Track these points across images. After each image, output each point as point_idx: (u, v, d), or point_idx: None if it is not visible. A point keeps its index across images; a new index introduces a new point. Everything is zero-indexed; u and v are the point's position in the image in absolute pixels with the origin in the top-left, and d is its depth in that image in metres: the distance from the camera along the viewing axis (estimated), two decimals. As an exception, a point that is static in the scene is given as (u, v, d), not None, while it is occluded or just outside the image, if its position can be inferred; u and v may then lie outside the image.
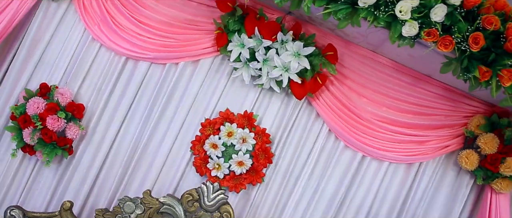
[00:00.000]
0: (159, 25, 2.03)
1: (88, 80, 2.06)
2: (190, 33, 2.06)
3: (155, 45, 2.04)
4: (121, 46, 2.04)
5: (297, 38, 1.94)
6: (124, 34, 2.02)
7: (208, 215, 1.88)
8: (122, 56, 2.06)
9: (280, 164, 2.09)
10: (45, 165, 1.96)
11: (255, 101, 2.07)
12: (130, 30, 2.03)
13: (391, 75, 1.98)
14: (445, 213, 2.11)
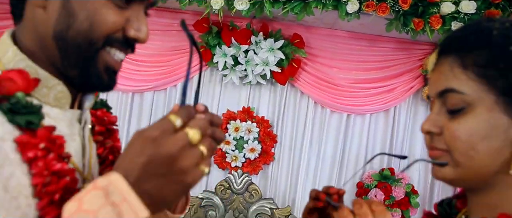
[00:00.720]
0: (151, 58, 2.40)
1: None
2: (178, 57, 2.43)
3: (153, 75, 2.41)
4: (125, 84, 2.41)
5: (267, 36, 2.33)
6: (125, 74, 2.39)
7: (240, 197, 2.27)
8: (129, 92, 2.43)
9: (284, 141, 2.48)
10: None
11: (249, 97, 2.46)
12: (129, 69, 2.40)
13: (350, 44, 2.38)
14: (426, 140, 2.52)
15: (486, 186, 0.67)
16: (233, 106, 2.45)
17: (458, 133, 0.64)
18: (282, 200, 2.43)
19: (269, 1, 1.95)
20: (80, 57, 0.61)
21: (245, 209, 2.29)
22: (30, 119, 0.58)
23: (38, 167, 0.56)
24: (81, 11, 0.59)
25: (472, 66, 0.63)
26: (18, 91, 0.58)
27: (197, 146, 0.51)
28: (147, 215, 0.49)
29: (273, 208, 2.29)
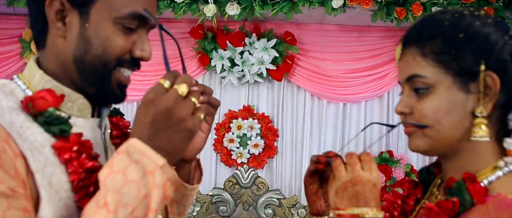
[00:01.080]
0: (151, 68, 2.52)
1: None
2: (176, 65, 2.55)
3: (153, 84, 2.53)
4: (130, 95, 2.53)
5: (260, 37, 2.45)
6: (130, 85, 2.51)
7: (248, 190, 2.40)
8: (133, 102, 2.56)
9: (285, 135, 2.60)
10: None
11: (248, 96, 2.58)
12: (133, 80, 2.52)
13: (340, 36, 2.50)
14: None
15: (453, 152, 0.79)
16: (234, 105, 2.57)
17: (425, 111, 0.76)
18: (288, 190, 2.55)
19: (259, 4, 2.07)
20: (96, 77, 0.73)
21: (254, 201, 2.42)
22: (62, 128, 0.70)
23: (73, 166, 0.68)
24: (96, 39, 0.71)
25: (430, 54, 0.76)
26: (49, 107, 0.70)
27: (188, 97, 0.64)
28: (165, 162, 0.62)
29: (280, 198, 2.41)
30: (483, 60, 0.74)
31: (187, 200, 0.86)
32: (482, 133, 0.75)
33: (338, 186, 0.76)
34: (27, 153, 0.64)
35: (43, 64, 0.76)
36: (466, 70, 0.74)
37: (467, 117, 0.75)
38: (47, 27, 0.73)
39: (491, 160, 0.78)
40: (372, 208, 0.74)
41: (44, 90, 0.71)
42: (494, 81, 0.74)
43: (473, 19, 0.76)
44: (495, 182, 0.76)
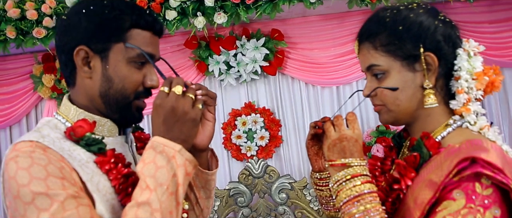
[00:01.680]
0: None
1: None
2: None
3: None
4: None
5: (249, 38, 2.63)
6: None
7: (261, 180, 2.60)
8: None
9: (287, 124, 2.79)
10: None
11: (247, 93, 2.77)
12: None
13: (323, 25, 2.68)
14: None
15: (413, 119, 1.00)
16: (236, 104, 2.77)
17: (384, 92, 0.96)
18: (298, 173, 2.75)
19: (243, 9, 2.26)
20: (119, 107, 0.94)
21: (268, 189, 2.62)
22: (99, 147, 0.91)
23: (113, 174, 0.89)
24: (115, 77, 0.92)
25: (380, 46, 0.96)
26: (87, 132, 0.91)
27: (185, 94, 0.88)
28: (181, 147, 0.85)
29: (291, 182, 2.61)
30: (421, 44, 0.94)
31: (210, 184, 1.07)
32: (431, 101, 0.96)
33: (329, 143, 0.96)
34: (78, 168, 0.86)
35: (75, 100, 0.97)
36: (410, 55, 0.94)
37: (418, 90, 0.96)
38: (76, 70, 0.94)
39: (443, 120, 0.98)
40: (356, 158, 0.94)
41: (80, 120, 0.92)
42: (432, 59, 0.94)
43: (408, 12, 0.96)
44: (447, 136, 0.96)
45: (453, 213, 0.82)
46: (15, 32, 2.30)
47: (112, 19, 0.91)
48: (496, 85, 1.00)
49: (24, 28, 2.29)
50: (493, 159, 0.84)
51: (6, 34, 2.30)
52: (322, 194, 1.13)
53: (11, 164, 0.81)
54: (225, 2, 2.23)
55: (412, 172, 0.94)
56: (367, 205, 0.88)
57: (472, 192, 0.83)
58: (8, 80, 2.85)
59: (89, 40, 0.91)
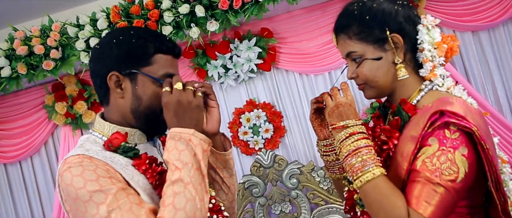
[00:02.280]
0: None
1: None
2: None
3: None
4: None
5: (242, 39, 2.82)
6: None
7: (272, 169, 2.79)
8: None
9: (288, 114, 2.96)
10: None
11: (247, 91, 2.95)
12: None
13: (308, 17, 2.85)
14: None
15: (392, 90, 1.19)
16: (238, 103, 2.95)
17: (364, 72, 1.16)
18: (305, 158, 2.93)
19: (232, 14, 2.44)
20: (148, 120, 1.13)
21: (279, 177, 2.80)
22: (135, 152, 1.10)
23: (149, 173, 1.08)
24: (144, 96, 1.10)
25: (353, 36, 1.15)
26: (122, 142, 1.09)
27: (186, 88, 1.06)
28: (194, 131, 1.03)
29: (299, 167, 2.80)
30: (386, 28, 1.14)
31: (229, 163, 1.26)
32: (403, 73, 1.16)
33: (328, 111, 1.15)
34: (120, 171, 1.04)
35: (108, 117, 1.15)
36: (379, 38, 1.14)
37: (391, 66, 1.15)
38: (109, 92, 1.12)
39: (416, 86, 1.18)
40: (352, 119, 1.13)
41: (115, 133, 1.11)
42: (398, 39, 1.14)
43: (371, 2, 1.16)
44: (421, 99, 1.16)
45: (429, 155, 1.01)
46: (25, 67, 2.48)
47: (139, 47, 1.09)
48: (454, 50, 1.20)
49: (34, 62, 2.47)
50: (457, 110, 1.03)
51: (18, 71, 2.48)
52: (328, 159, 1.32)
53: (66, 174, 0.99)
54: (215, 10, 2.41)
55: (396, 133, 1.13)
56: (364, 157, 1.06)
57: (443, 137, 1.02)
58: (22, 113, 3.03)
59: (120, 66, 1.09)
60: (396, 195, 1.02)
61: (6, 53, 2.48)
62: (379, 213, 1.04)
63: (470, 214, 1.10)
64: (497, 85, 2.88)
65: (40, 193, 3.11)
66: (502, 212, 1.07)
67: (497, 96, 2.88)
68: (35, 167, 3.10)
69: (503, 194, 1.07)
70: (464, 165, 1.00)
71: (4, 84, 2.52)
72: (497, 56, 2.88)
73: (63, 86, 2.89)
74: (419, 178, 1.02)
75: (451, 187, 1.00)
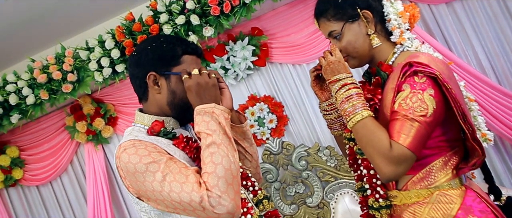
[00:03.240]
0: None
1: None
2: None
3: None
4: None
5: (235, 41, 3.08)
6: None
7: (281, 155, 3.03)
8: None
9: (289, 103, 3.19)
10: None
11: (247, 88, 3.20)
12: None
13: (292, 12, 3.08)
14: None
15: (371, 57, 1.43)
16: (241, 100, 3.20)
17: (345, 46, 1.40)
18: (309, 141, 3.16)
19: (224, 18, 2.70)
20: (182, 110, 1.37)
21: (288, 161, 3.04)
22: (173, 134, 1.35)
23: (187, 149, 1.32)
24: (177, 90, 1.34)
25: (330, 18, 1.40)
26: (161, 128, 1.34)
27: (202, 73, 1.29)
28: (214, 104, 1.25)
29: (306, 149, 3.04)
30: (357, 6, 1.38)
31: (247, 134, 1.50)
32: (376, 42, 1.40)
33: (324, 69, 1.39)
34: (165, 148, 1.28)
35: (146, 110, 1.41)
36: (352, 16, 1.38)
37: (366, 37, 1.40)
38: (148, 90, 1.38)
39: (390, 50, 1.42)
40: (343, 73, 1.35)
41: (154, 121, 1.36)
42: (368, 14, 1.39)
43: None
44: (395, 60, 1.40)
45: (404, 98, 1.25)
46: (47, 93, 2.76)
47: (169, 51, 1.35)
48: (416, 16, 1.46)
49: (54, 87, 2.75)
50: (423, 60, 1.27)
51: (40, 97, 2.75)
52: (330, 117, 1.55)
53: (123, 155, 1.23)
54: (208, 17, 2.68)
55: (379, 90, 1.36)
56: (354, 102, 1.28)
57: (413, 83, 1.26)
58: (46, 137, 3.30)
59: (156, 67, 1.34)
60: (381, 131, 1.25)
61: (28, 83, 2.76)
62: (367, 147, 1.27)
63: (450, 147, 1.33)
64: (477, 49, 3.09)
65: (73, 208, 3.37)
66: (472, 139, 1.30)
67: (478, 60, 3.09)
68: (65, 185, 3.37)
69: (470, 125, 1.29)
70: (432, 103, 1.23)
71: (30, 112, 2.80)
72: (472, 23, 3.10)
73: (80, 107, 3.17)
74: (398, 116, 1.25)
75: (423, 121, 1.22)
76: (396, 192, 1.34)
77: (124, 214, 3.33)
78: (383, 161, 1.22)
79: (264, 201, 1.45)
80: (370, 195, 1.36)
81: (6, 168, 3.21)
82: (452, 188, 1.30)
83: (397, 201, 1.34)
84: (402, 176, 1.27)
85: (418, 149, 1.23)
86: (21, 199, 3.37)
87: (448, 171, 1.32)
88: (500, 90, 2.96)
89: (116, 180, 3.32)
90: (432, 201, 1.29)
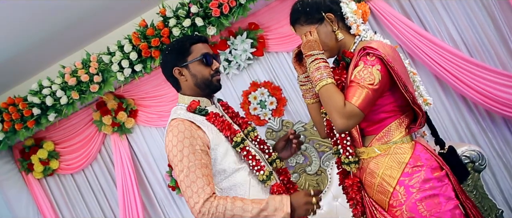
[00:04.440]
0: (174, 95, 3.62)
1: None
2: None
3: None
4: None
5: (235, 36, 3.50)
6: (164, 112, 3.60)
7: (282, 131, 3.49)
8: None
9: (286, 86, 3.60)
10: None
11: (249, 75, 3.61)
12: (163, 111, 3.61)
13: (282, 6, 3.44)
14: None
15: (339, 49, 1.85)
16: (244, 86, 3.63)
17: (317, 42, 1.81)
18: (306, 117, 3.59)
19: (224, 18, 3.12)
20: (206, 85, 1.81)
21: (288, 136, 3.50)
22: (206, 111, 1.80)
23: (216, 122, 1.77)
24: (197, 72, 1.80)
25: (303, 23, 1.83)
26: (197, 106, 1.80)
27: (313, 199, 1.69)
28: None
29: (303, 125, 3.48)
30: (321, 11, 1.80)
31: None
32: (340, 36, 1.83)
33: (303, 45, 1.79)
34: (200, 124, 1.72)
35: (184, 94, 1.83)
36: (319, 19, 1.80)
37: (332, 34, 1.82)
38: (178, 80, 1.83)
39: (351, 41, 1.85)
40: (316, 50, 1.74)
41: (191, 101, 1.80)
42: (330, 15, 1.81)
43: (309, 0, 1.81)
44: (355, 48, 1.82)
45: (359, 71, 1.66)
46: (78, 94, 3.21)
47: (180, 47, 1.81)
48: (366, 11, 1.88)
49: (83, 88, 3.20)
50: (373, 45, 1.69)
51: (72, 97, 3.21)
52: (305, 88, 1.95)
53: (168, 134, 1.70)
54: (210, 18, 3.10)
55: (344, 71, 1.80)
56: (322, 71, 1.67)
57: (365, 60, 1.67)
58: (77, 131, 3.77)
59: (176, 63, 1.80)
60: (338, 93, 1.63)
61: (61, 86, 3.22)
62: (327, 105, 1.64)
63: (402, 111, 1.77)
64: (448, 26, 3.47)
65: (105, 191, 3.86)
66: (412, 104, 1.74)
67: (451, 36, 3.47)
68: (96, 172, 3.86)
69: (411, 93, 1.71)
70: (378, 75, 1.64)
71: (64, 110, 3.26)
72: (444, 3, 3.49)
73: (104, 103, 3.62)
74: (353, 84, 1.65)
75: (371, 88, 1.61)
76: (364, 148, 1.79)
77: (149, 193, 3.82)
78: (337, 115, 1.60)
79: (277, 161, 1.94)
80: (342, 153, 1.81)
81: (45, 160, 3.70)
82: (405, 142, 1.75)
83: (365, 156, 1.79)
84: (352, 128, 1.69)
85: (365, 109, 1.62)
86: (59, 187, 3.86)
87: (402, 130, 1.76)
88: (471, 61, 3.35)
89: (140, 164, 3.80)
90: (390, 153, 1.73)
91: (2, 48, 2.97)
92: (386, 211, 1.72)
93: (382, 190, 1.73)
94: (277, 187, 1.80)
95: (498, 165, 3.44)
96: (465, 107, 3.50)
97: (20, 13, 2.63)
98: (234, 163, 1.75)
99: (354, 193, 1.80)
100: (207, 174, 1.65)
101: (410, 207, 1.67)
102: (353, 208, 1.82)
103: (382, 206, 1.74)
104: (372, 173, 1.76)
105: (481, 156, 2.49)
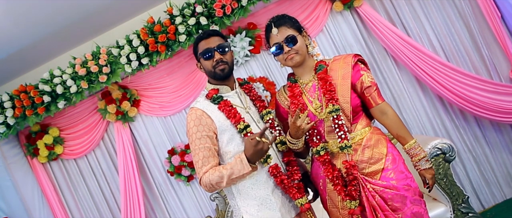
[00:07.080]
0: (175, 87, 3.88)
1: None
2: (194, 77, 3.89)
3: (183, 96, 3.89)
4: (168, 110, 3.90)
5: (235, 34, 3.77)
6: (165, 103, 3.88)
7: (273, 123, 3.79)
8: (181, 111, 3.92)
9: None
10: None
11: (246, 71, 3.89)
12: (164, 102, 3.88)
13: (280, 8, 3.73)
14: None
15: (305, 60, 2.19)
16: (241, 81, 3.92)
17: (299, 47, 2.16)
18: (297, 112, 3.91)
19: (226, 18, 3.39)
20: (213, 74, 2.12)
21: (280, 129, 3.80)
22: (219, 100, 2.12)
23: (225, 110, 2.09)
24: (204, 65, 2.15)
25: (289, 27, 2.18)
26: (214, 94, 2.13)
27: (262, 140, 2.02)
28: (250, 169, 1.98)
29: (294, 119, 3.79)
30: (301, 28, 2.15)
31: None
32: (311, 49, 2.17)
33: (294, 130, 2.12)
34: (210, 114, 2.07)
35: (209, 81, 2.17)
36: (300, 30, 2.14)
37: (305, 46, 2.16)
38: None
39: (310, 57, 2.20)
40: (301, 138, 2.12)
41: (210, 89, 2.15)
42: (306, 31, 2.17)
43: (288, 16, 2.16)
44: (318, 60, 2.16)
45: (366, 77, 2.10)
46: (87, 83, 3.44)
47: (194, 46, 2.16)
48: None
49: (92, 78, 3.43)
50: (356, 54, 2.07)
51: (81, 87, 3.44)
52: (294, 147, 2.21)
53: (188, 118, 2.07)
54: (214, 18, 3.37)
55: (328, 75, 2.12)
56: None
57: (364, 68, 2.11)
58: (81, 119, 3.99)
59: (196, 59, 2.16)
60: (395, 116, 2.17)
61: (71, 76, 3.44)
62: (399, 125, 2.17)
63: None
64: (429, 33, 3.83)
65: (106, 177, 4.09)
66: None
67: (431, 41, 3.82)
68: (98, 157, 4.08)
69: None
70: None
71: (73, 99, 3.49)
72: (425, 12, 3.83)
73: (109, 93, 3.86)
74: (373, 87, 2.15)
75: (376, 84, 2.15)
76: (354, 133, 2.13)
77: (148, 179, 4.07)
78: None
79: (278, 145, 2.20)
80: (342, 140, 2.10)
81: (50, 145, 3.91)
82: (374, 124, 2.23)
83: (355, 140, 2.12)
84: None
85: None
86: (62, 171, 4.08)
87: (370, 117, 2.23)
88: (448, 65, 3.70)
89: (141, 152, 4.04)
90: (371, 131, 2.14)
91: (18, 37, 3.18)
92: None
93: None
94: (272, 169, 2.09)
95: (468, 158, 3.82)
96: (441, 106, 3.86)
97: (36, 8, 2.86)
98: (238, 146, 2.07)
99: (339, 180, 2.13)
100: (208, 155, 2.03)
101: None
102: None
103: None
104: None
105: (451, 148, 2.83)
